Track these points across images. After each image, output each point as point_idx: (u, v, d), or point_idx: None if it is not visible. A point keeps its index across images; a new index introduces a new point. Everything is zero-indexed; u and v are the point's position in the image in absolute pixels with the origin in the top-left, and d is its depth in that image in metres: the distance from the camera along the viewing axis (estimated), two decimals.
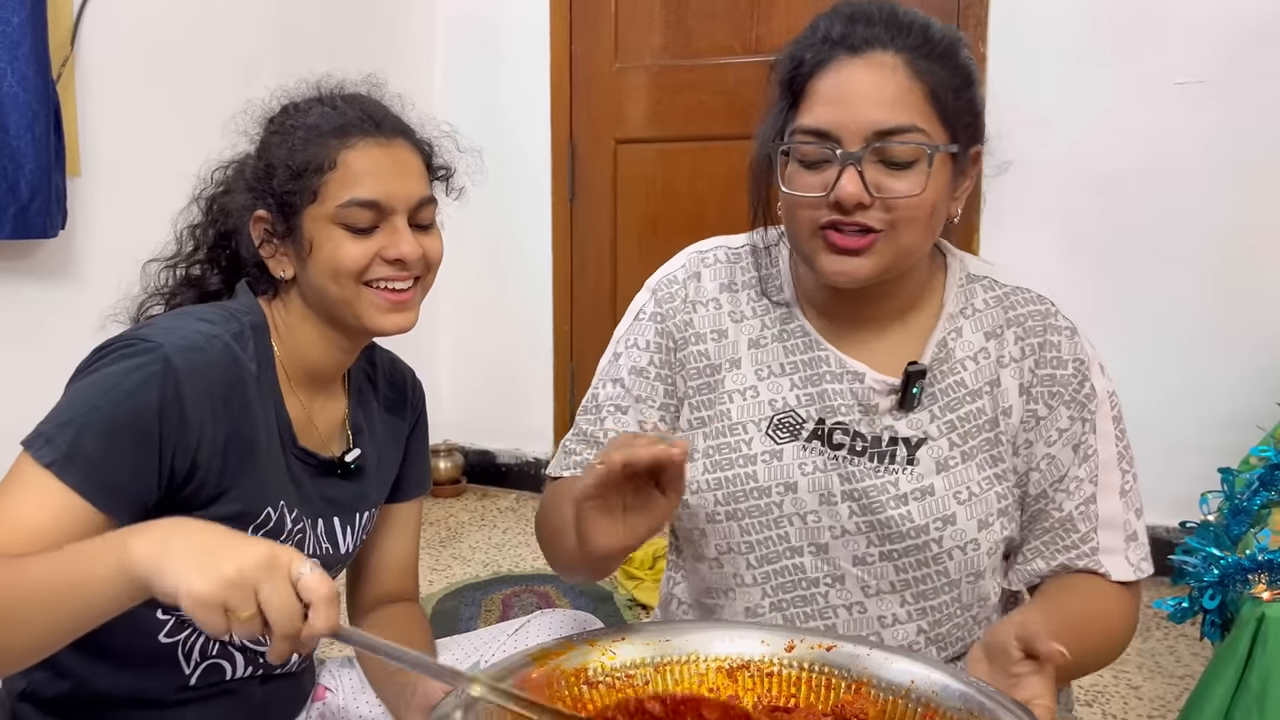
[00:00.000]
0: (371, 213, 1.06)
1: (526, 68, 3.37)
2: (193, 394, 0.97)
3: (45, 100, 2.23)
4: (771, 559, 1.09)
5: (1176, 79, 2.56)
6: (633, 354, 1.15)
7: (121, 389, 0.94)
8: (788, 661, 0.94)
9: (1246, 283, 2.55)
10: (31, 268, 2.35)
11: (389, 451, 1.24)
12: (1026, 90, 2.74)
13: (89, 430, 0.92)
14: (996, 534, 1.06)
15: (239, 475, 1.03)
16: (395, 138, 1.09)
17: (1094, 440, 1.08)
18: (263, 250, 1.10)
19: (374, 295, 1.08)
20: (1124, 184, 2.67)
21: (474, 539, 3.07)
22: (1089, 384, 1.08)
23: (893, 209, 0.97)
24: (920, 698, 0.87)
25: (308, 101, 1.12)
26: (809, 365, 1.10)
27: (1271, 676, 1.21)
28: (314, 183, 1.05)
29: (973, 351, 1.09)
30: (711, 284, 1.15)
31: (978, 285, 1.12)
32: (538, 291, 3.46)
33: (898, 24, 0.98)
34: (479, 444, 3.64)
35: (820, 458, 1.07)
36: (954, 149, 0.99)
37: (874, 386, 1.07)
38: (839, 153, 0.97)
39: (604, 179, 3.31)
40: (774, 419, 1.09)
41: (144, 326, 1.03)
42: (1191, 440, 2.43)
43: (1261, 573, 1.28)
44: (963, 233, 2.83)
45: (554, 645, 0.95)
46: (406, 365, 1.32)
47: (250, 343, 1.06)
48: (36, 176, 2.21)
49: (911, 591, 1.07)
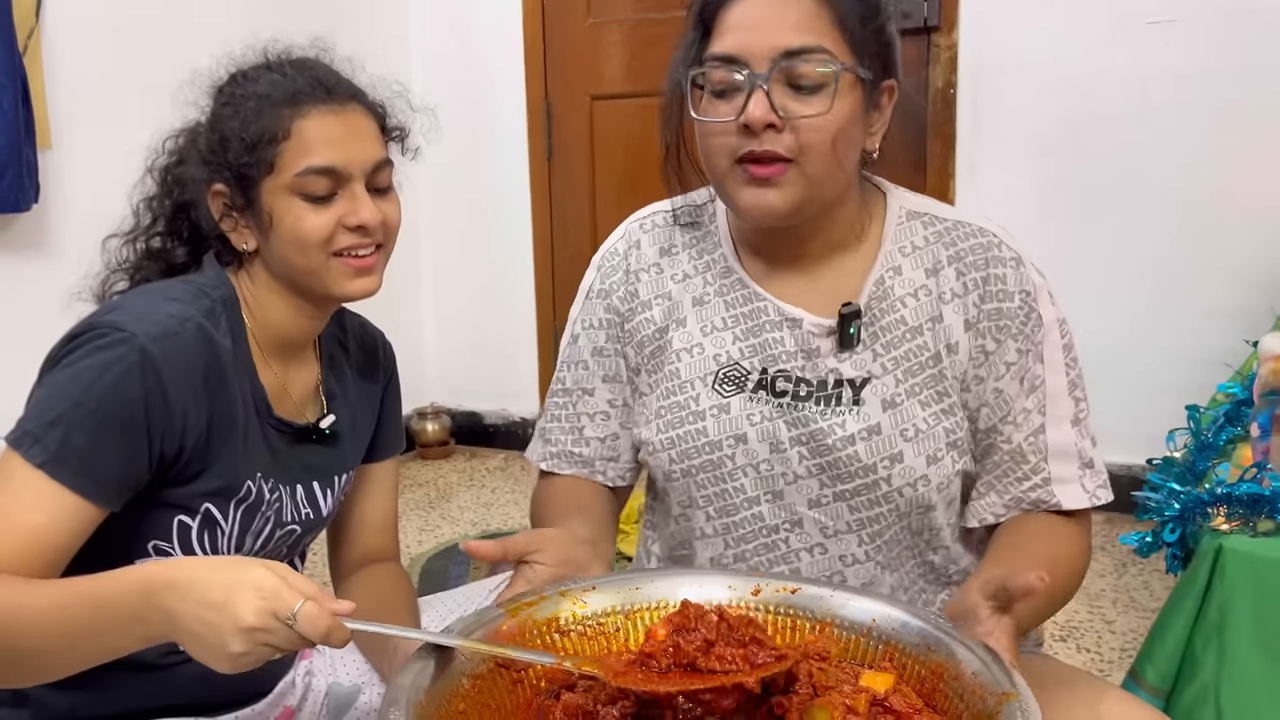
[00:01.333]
0: (329, 180, 1.07)
1: (500, 26, 3.37)
2: (173, 381, 0.99)
3: (12, 74, 2.24)
4: (730, 510, 1.12)
5: (1149, 18, 2.57)
6: (590, 334, 1.19)
7: (102, 384, 0.96)
8: (754, 605, 0.96)
9: (1217, 222, 2.58)
10: (6, 241, 2.37)
11: (363, 414, 1.27)
12: (999, 35, 2.75)
13: (76, 428, 0.95)
14: (948, 468, 1.07)
15: (221, 451, 1.06)
16: (348, 103, 1.09)
17: (1041, 370, 1.09)
18: (223, 224, 1.11)
19: (340, 263, 1.09)
20: (1096, 126, 2.69)
21: (463, 499, 3.11)
22: (1036, 314, 1.09)
23: (800, 132, 0.99)
24: (881, 635, 0.90)
25: (256, 69, 1.12)
26: (749, 317, 1.11)
27: (1229, 606, 1.24)
28: (269, 154, 1.06)
29: (913, 289, 1.10)
30: (651, 249, 1.17)
31: (917, 222, 1.12)
32: (519, 251, 3.48)
33: None
34: (466, 405, 3.68)
35: (767, 407, 1.09)
36: (862, 73, 1.00)
37: (812, 330, 1.08)
38: (746, 74, 0.99)
39: (581, 136, 3.33)
40: (719, 373, 1.11)
41: (114, 310, 1.03)
42: (1164, 378, 2.47)
43: (1220, 505, 1.31)
44: (937, 179, 2.85)
45: (528, 596, 0.97)
46: (376, 328, 1.33)
47: (222, 318, 1.08)
48: (7, 151, 2.24)
49: (867, 531, 1.09)
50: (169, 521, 1.04)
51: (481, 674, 0.86)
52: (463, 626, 0.91)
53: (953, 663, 0.84)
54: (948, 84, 2.81)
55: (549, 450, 1.22)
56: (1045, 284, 1.11)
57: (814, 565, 1.11)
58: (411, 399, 3.56)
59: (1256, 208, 2.50)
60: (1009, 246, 1.10)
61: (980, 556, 1.14)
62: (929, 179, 2.87)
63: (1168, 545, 1.39)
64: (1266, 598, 1.22)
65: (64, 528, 0.94)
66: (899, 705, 0.83)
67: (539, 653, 0.89)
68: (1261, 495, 1.27)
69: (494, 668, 0.88)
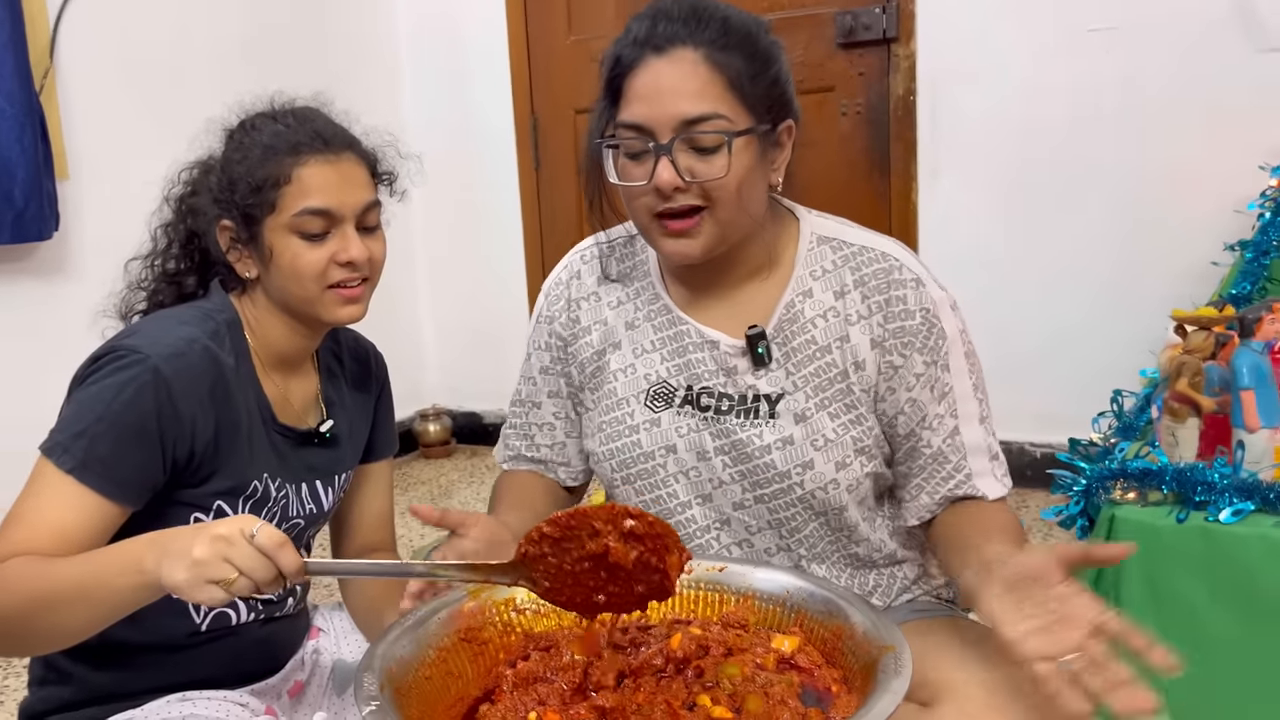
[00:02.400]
0: (323, 220, 1.18)
1: (486, 48, 3.50)
2: (182, 395, 1.11)
3: (30, 111, 2.39)
4: (666, 514, 1.22)
5: (1089, 26, 2.67)
6: (539, 355, 1.31)
7: (121, 399, 1.08)
8: (687, 582, 1.06)
9: (1160, 218, 2.68)
10: (30, 268, 2.52)
11: (359, 420, 1.37)
12: (954, 45, 2.86)
13: (100, 439, 1.07)
14: (856, 471, 1.16)
15: (229, 456, 1.17)
16: (343, 152, 1.21)
17: (949, 378, 1.16)
18: (229, 254, 1.22)
19: (332, 294, 1.21)
20: (1045, 131, 2.79)
21: (464, 495, 3.26)
22: (938, 327, 1.15)
23: (706, 188, 1.08)
24: (792, 604, 1.03)
25: (262, 118, 1.23)
26: (674, 339, 1.21)
27: (1122, 567, 1.39)
28: (272, 196, 1.17)
29: (822, 310, 1.17)
30: (590, 279, 1.28)
31: (826, 247, 1.19)
32: (511, 258, 3.61)
33: (696, 19, 1.08)
34: (466, 406, 3.82)
35: (693, 419, 1.19)
36: (761, 128, 1.09)
37: (729, 351, 1.17)
38: (652, 145, 1.07)
39: (566, 148, 3.45)
40: (649, 390, 1.21)
41: (131, 335, 1.15)
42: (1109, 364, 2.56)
43: (1118, 479, 1.46)
44: (901, 182, 2.98)
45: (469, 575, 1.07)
46: (368, 341, 1.44)
47: (226, 339, 1.19)
48: (28, 184, 2.38)
49: (785, 528, 1.19)
50: (185, 518, 1.15)
51: (446, 646, 0.97)
52: (429, 607, 1.01)
53: (849, 625, 0.96)
54: (908, 91, 2.92)
55: (507, 453, 1.35)
56: (947, 297, 1.18)
57: (743, 556, 1.21)
58: (414, 402, 3.74)
59: (1196, 203, 2.59)
60: (909, 269, 1.17)
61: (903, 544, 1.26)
62: (893, 181, 2.99)
63: (1077, 516, 1.55)
64: (1153, 559, 1.37)
65: (89, 524, 1.07)
66: (803, 662, 0.95)
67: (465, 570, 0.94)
68: (1150, 470, 1.43)
69: (458, 641, 0.97)
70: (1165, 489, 1.41)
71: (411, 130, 3.66)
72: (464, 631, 1.00)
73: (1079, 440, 1.61)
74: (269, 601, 1.26)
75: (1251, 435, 1.37)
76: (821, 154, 3.01)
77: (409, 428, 3.71)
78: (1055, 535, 2.57)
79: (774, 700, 0.90)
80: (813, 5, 3.01)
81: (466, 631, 1.00)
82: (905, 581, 1.26)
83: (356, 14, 3.49)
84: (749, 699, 0.90)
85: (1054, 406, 2.69)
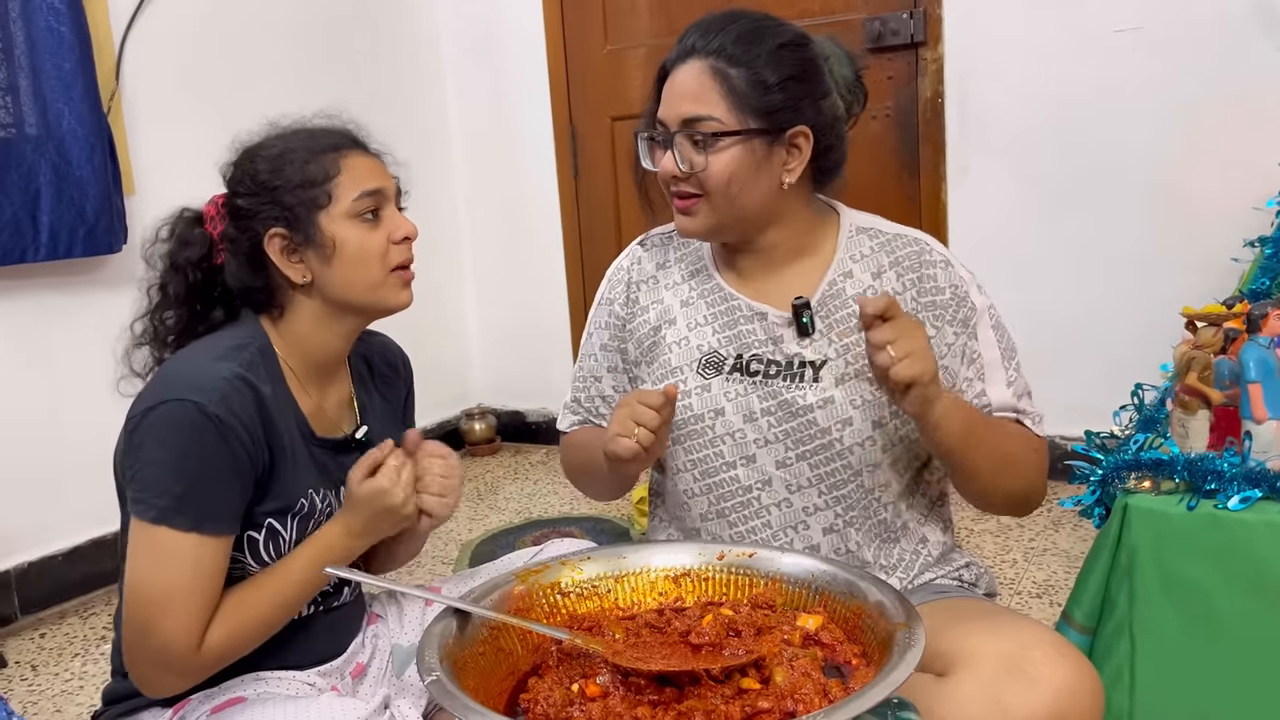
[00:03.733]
0: (375, 200, 1.26)
1: (525, 58, 3.59)
2: (238, 427, 1.16)
3: (99, 132, 2.52)
4: (711, 473, 1.32)
5: (1115, 27, 2.71)
6: (599, 333, 1.46)
7: (198, 448, 1.13)
8: (719, 568, 1.16)
9: (1185, 213, 2.71)
10: (101, 279, 2.65)
11: (389, 421, 1.43)
12: (981, 48, 2.91)
13: (196, 491, 1.13)
14: (891, 433, 1.28)
15: (279, 477, 1.23)
16: (368, 150, 1.32)
17: (976, 346, 1.30)
18: (281, 263, 1.25)
19: (395, 277, 1.28)
20: (1071, 131, 2.82)
21: (508, 490, 3.37)
22: (968, 303, 1.30)
23: (699, 180, 1.24)
24: (816, 586, 1.10)
25: (280, 137, 1.29)
26: (726, 314, 1.34)
27: (1136, 553, 1.43)
28: (327, 189, 1.24)
29: (861, 288, 1.30)
30: (650, 264, 1.43)
31: (864, 235, 1.34)
32: (552, 263, 3.70)
33: (714, 33, 1.24)
34: (510, 405, 3.92)
35: (741, 385, 1.31)
36: (756, 132, 1.22)
37: (776, 321, 1.30)
38: (663, 136, 1.25)
39: (603, 154, 3.54)
40: (701, 359, 1.33)
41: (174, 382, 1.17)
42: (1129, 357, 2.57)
43: (1132, 470, 1.52)
44: (930, 182, 3.04)
45: (535, 565, 1.16)
46: (396, 344, 1.51)
47: (260, 366, 1.23)
48: (99, 200, 2.52)
49: (825, 484, 1.29)
50: (240, 538, 1.21)
51: (497, 625, 1.05)
52: (481, 589, 1.11)
53: (868, 604, 1.04)
54: (935, 94, 2.98)
55: (574, 419, 1.49)
56: (973, 278, 1.33)
57: (780, 516, 1.31)
58: (460, 401, 3.86)
59: (1219, 199, 2.62)
60: (938, 251, 1.33)
61: (925, 520, 1.37)
62: (923, 182, 3.04)
63: (1094, 505, 1.61)
64: (1165, 545, 1.40)
65: (222, 563, 1.17)
66: (826, 639, 1.03)
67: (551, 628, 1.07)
68: (1162, 460, 1.49)
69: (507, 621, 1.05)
70: (1177, 478, 1.46)
71: (456, 139, 3.79)
72: (514, 612, 1.08)
73: (1095, 433, 1.67)
74: (326, 593, 1.33)
75: (1259, 426, 1.41)
76: (852, 157, 3.02)
77: (455, 426, 3.82)
78: (1076, 524, 2.63)
79: (798, 672, 0.97)
80: (842, 11, 3.08)
81: (516, 612, 1.08)
82: (928, 559, 1.35)
83: (403, 34, 3.60)
84: (775, 671, 0.97)
85: (1083, 400, 2.73)
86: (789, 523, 1.32)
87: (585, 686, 0.98)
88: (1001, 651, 1.06)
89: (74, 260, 2.55)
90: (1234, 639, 1.38)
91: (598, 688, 0.98)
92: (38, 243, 2.45)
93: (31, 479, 2.57)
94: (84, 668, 2.30)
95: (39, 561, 2.59)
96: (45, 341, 2.60)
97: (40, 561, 2.59)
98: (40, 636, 2.48)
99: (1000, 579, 2.37)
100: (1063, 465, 2.89)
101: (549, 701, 0.95)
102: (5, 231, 2.39)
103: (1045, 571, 2.42)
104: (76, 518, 2.66)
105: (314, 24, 3.25)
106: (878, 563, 1.33)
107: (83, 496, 2.65)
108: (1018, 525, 2.70)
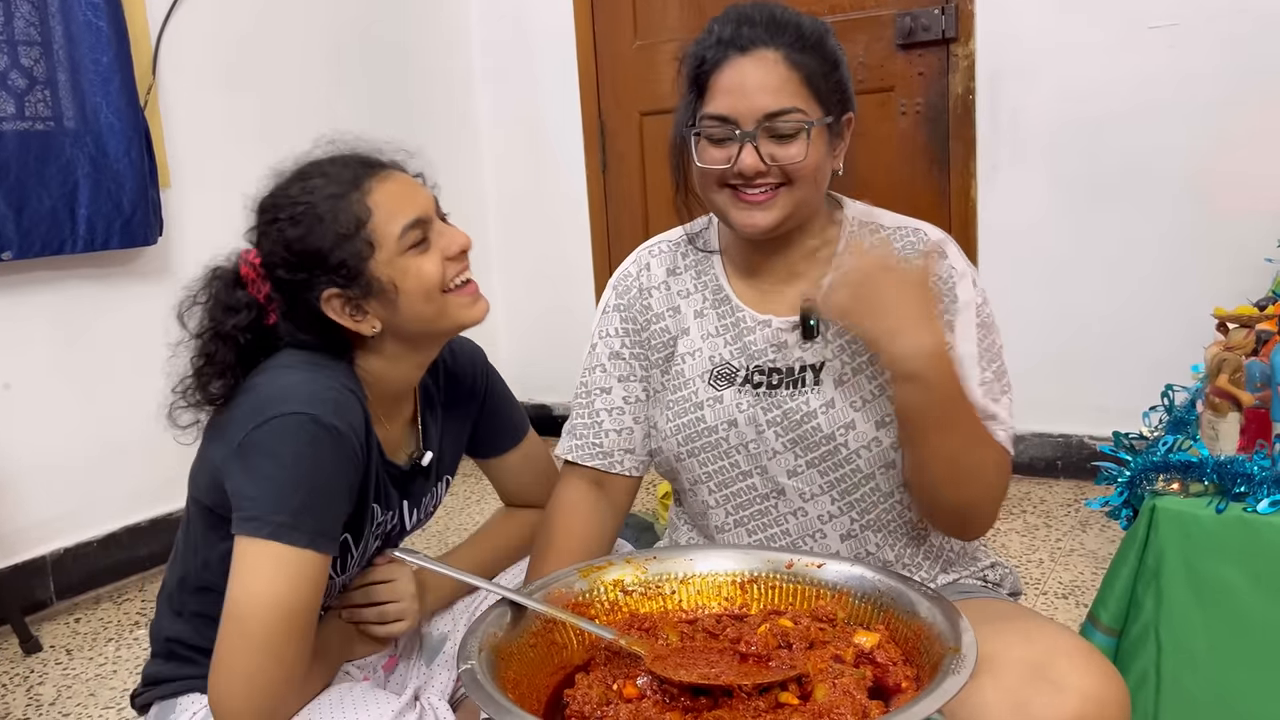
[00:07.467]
0: (420, 228, 1.20)
1: (555, 53, 3.61)
2: (348, 438, 1.13)
3: (136, 126, 2.57)
4: (728, 484, 1.31)
5: (1150, 23, 2.69)
6: (607, 342, 1.38)
7: (314, 463, 1.09)
8: (786, 576, 1.14)
9: (1219, 211, 2.69)
10: (137, 271, 2.71)
11: (453, 436, 1.41)
12: (1013, 44, 2.89)
13: (311, 508, 1.09)
14: (896, 431, 1.23)
15: (365, 495, 1.22)
16: (390, 169, 1.23)
17: (952, 339, 1.23)
18: (346, 321, 1.19)
19: (454, 297, 1.22)
20: (1105, 124, 2.81)
21: None
22: (953, 293, 1.26)
23: (785, 171, 1.20)
24: (882, 602, 1.07)
25: (301, 183, 1.19)
26: (734, 325, 1.32)
27: (1163, 555, 1.42)
28: (365, 237, 1.16)
29: None
30: (659, 270, 1.38)
31: (865, 230, 1.31)
32: (580, 258, 3.72)
33: (775, 25, 1.21)
34: (537, 399, 3.93)
35: (751, 396, 1.29)
36: (828, 120, 1.21)
37: (781, 328, 1.28)
38: (738, 133, 1.19)
39: (632, 150, 3.55)
40: (713, 371, 1.31)
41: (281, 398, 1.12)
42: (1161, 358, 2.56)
43: (1160, 472, 1.51)
44: (960, 179, 3.03)
45: (599, 561, 1.16)
46: (465, 342, 1.43)
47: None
48: (135, 193, 2.56)
49: (837, 490, 1.27)
50: None
51: (551, 618, 1.04)
52: (541, 581, 1.10)
53: (926, 625, 1.00)
54: (967, 90, 2.97)
55: (574, 443, 1.38)
56: (970, 272, 1.28)
57: (797, 525, 1.30)
58: None
59: (1255, 197, 2.60)
60: (935, 240, 1.30)
61: None
62: (953, 179, 3.03)
63: (1122, 506, 1.60)
64: (1192, 548, 1.39)
65: (324, 580, 1.12)
66: (881, 658, 0.99)
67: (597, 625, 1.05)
68: (1191, 462, 1.48)
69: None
70: (1206, 480, 1.45)
71: (485, 133, 3.81)
72: (572, 608, 1.08)
73: (1124, 434, 1.66)
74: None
75: None
76: (881, 152, 3.07)
77: None
78: (1104, 525, 2.61)
79: (840, 691, 0.94)
80: (873, 7, 3.07)
81: (575, 608, 1.08)
82: (951, 558, 1.34)
83: (435, 29, 3.63)
84: (818, 687, 0.95)
85: (1114, 400, 2.72)
86: (806, 531, 1.31)
87: (624, 687, 0.98)
88: (1027, 657, 1.05)
89: (110, 252, 2.60)
90: (1262, 643, 1.37)
91: (635, 689, 0.98)
92: (75, 234, 2.49)
93: (67, 467, 2.62)
94: (118, 652, 2.34)
95: (74, 547, 2.64)
96: (82, 331, 2.65)
97: (75, 547, 2.65)
98: (75, 621, 2.53)
99: (1026, 579, 2.37)
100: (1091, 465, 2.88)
101: (587, 699, 0.95)
102: (44, 223, 2.44)
103: (1072, 572, 2.41)
104: (110, 505, 2.72)
105: (347, 20, 3.28)
106: (900, 563, 1.33)
107: (117, 484, 2.70)
108: (1044, 525, 2.69)
